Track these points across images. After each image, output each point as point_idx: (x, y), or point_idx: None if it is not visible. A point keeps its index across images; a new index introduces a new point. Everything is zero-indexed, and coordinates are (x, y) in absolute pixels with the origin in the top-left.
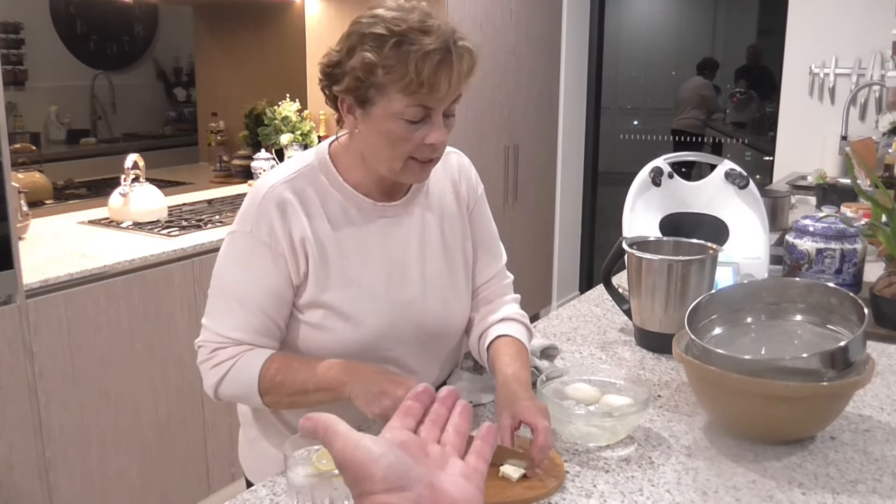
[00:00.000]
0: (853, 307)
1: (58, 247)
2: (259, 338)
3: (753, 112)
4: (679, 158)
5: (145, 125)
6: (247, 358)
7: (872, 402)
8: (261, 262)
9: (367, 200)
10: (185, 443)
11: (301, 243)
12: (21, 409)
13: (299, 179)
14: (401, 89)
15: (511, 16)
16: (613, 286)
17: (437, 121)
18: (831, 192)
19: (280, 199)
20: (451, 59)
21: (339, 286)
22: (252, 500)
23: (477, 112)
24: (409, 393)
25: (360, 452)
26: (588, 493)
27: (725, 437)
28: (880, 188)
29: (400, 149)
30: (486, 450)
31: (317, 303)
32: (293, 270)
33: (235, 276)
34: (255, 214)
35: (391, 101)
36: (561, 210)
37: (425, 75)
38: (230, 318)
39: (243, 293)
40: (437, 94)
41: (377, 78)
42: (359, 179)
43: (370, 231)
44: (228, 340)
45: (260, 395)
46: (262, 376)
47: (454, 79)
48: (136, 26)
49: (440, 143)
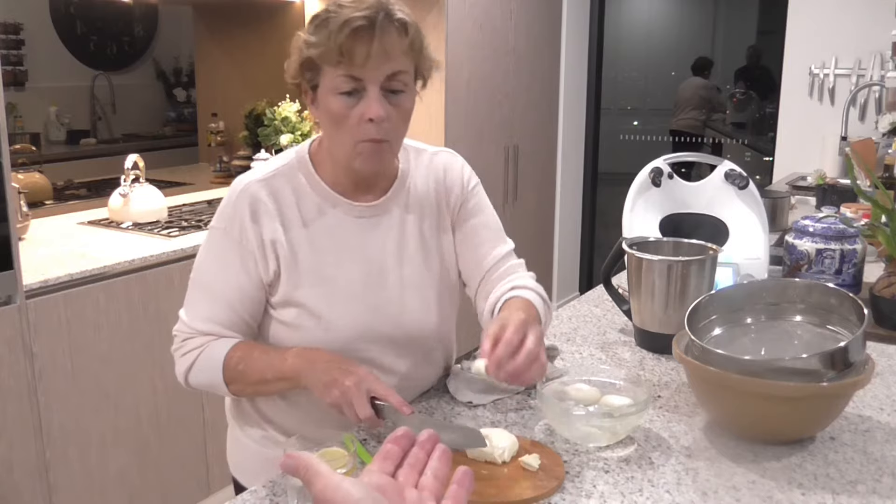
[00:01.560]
0: (853, 307)
1: (58, 247)
2: (226, 331)
3: (753, 112)
4: (679, 159)
5: (145, 126)
6: (212, 347)
7: (872, 403)
8: (232, 260)
9: (343, 200)
10: (184, 443)
11: (272, 244)
12: (21, 410)
13: (276, 178)
14: (325, 60)
15: (511, 16)
16: (613, 287)
17: (372, 94)
18: (831, 193)
19: (253, 199)
20: (372, 29)
21: (313, 285)
22: (252, 500)
23: (477, 112)
24: (366, 413)
25: (340, 494)
26: (588, 493)
27: (725, 438)
28: (880, 189)
29: (343, 128)
30: (461, 495)
31: (290, 301)
32: (263, 270)
33: (209, 270)
34: (230, 213)
35: (326, 76)
36: (561, 210)
37: (340, 41)
38: (200, 310)
39: (214, 287)
40: (356, 62)
41: (310, 54)
42: (335, 178)
43: (347, 231)
44: (196, 332)
45: (225, 384)
46: (226, 365)
47: (375, 48)
48: (135, 27)
49: (378, 118)
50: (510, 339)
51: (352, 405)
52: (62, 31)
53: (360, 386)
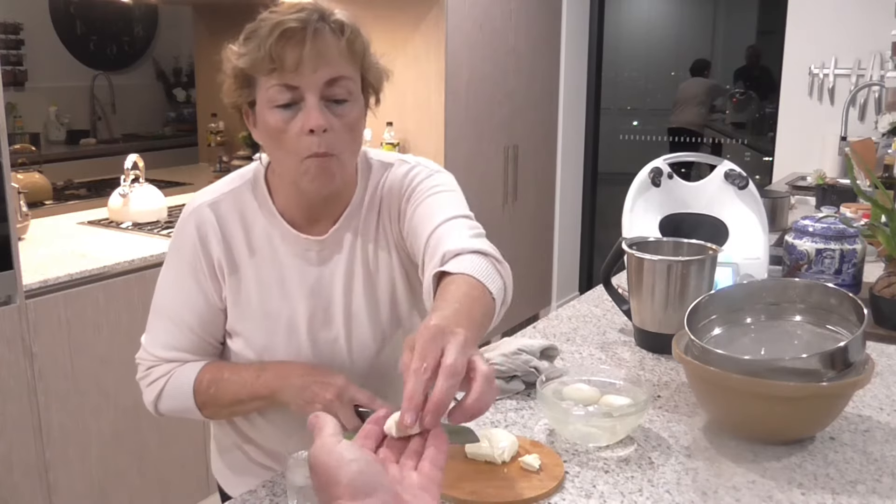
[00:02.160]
0: (853, 307)
1: (57, 247)
2: (189, 356)
3: (753, 112)
4: (679, 159)
5: (145, 126)
6: (179, 374)
7: (872, 403)
8: (187, 282)
9: (291, 231)
10: (184, 443)
11: (220, 268)
12: (21, 410)
13: (226, 202)
14: (257, 70)
15: (511, 16)
16: (613, 286)
17: (310, 103)
18: (831, 193)
19: (200, 222)
20: (303, 33)
21: (256, 319)
22: (252, 500)
23: (477, 112)
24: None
25: (333, 457)
26: (588, 493)
27: (725, 438)
28: (880, 188)
29: (284, 144)
30: (439, 457)
31: (235, 331)
32: (216, 293)
33: (166, 294)
34: (181, 234)
35: (260, 88)
36: (560, 210)
37: (270, 45)
38: (163, 337)
39: (172, 312)
40: (288, 66)
41: (240, 66)
42: (285, 204)
43: (292, 265)
44: (159, 359)
45: (199, 409)
46: (197, 390)
47: (308, 51)
48: (135, 27)
49: (318, 128)
50: (417, 370)
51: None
52: (62, 31)
53: (341, 397)
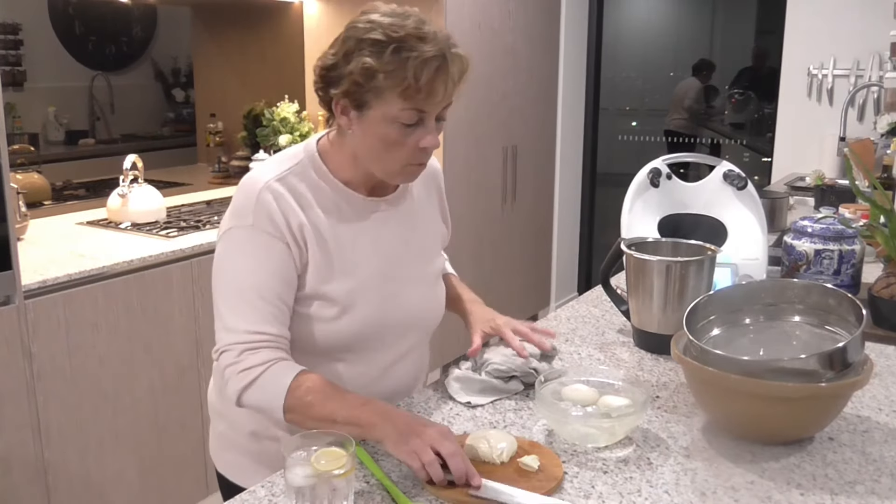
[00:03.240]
0: (851, 308)
1: (56, 247)
2: (282, 328)
3: (752, 113)
4: (677, 159)
5: (144, 126)
6: (277, 369)
7: (871, 403)
8: (268, 252)
9: (357, 196)
10: (183, 443)
11: (300, 231)
12: (19, 410)
13: (291, 176)
14: (399, 94)
15: (509, 16)
16: (612, 287)
17: (430, 125)
18: (829, 193)
19: (276, 194)
20: (447, 66)
21: (339, 277)
22: (251, 500)
23: (475, 113)
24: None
25: None
26: (586, 493)
27: (724, 438)
28: (878, 189)
29: (395, 153)
30: None
31: (316, 294)
32: (297, 258)
33: (246, 270)
34: (254, 208)
35: (388, 104)
36: (559, 211)
37: (423, 80)
38: (253, 314)
39: (259, 284)
40: (433, 99)
41: (377, 83)
42: (349, 177)
43: (362, 225)
44: (257, 335)
45: (283, 411)
46: (292, 392)
47: (449, 85)
48: (134, 27)
49: (433, 147)
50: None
51: (429, 451)
52: (61, 32)
53: (443, 434)
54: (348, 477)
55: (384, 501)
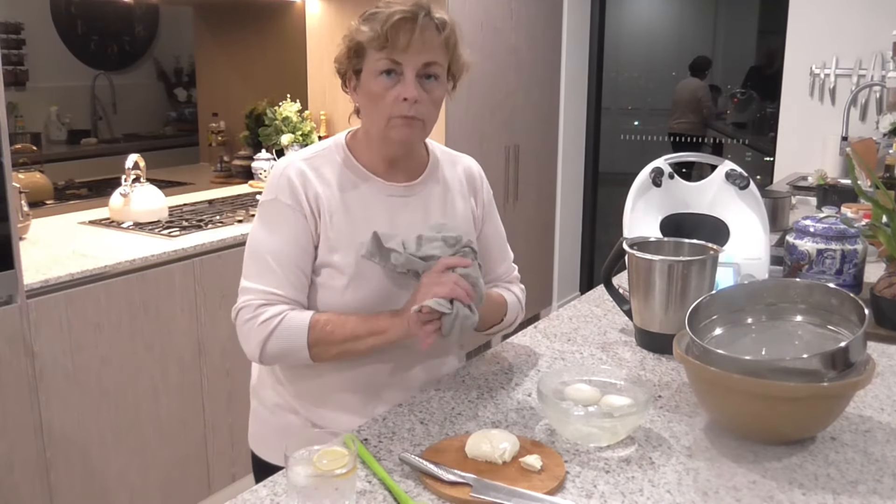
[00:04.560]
0: (854, 308)
1: (58, 247)
2: (296, 293)
3: (754, 112)
4: (680, 159)
5: (146, 125)
6: (293, 314)
7: (873, 403)
8: (287, 222)
9: (377, 179)
10: (185, 443)
11: (315, 202)
12: (22, 409)
13: (317, 159)
14: (375, 47)
15: (512, 16)
16: (614, 287)
17: (409, 78)
18: (832, 193)
19: (298, 171)
20: (414, 22)
21: (346, 248)
22: (252, 500)
23: (477, 112)
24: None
25: None
26: (588, 493)
27: (726, 438)
28: (881, 189)
29: (380, 106)
30: None
31: (325, 262)
32: (313, 228)
33: (267, 239)
34: (278, 183)
35: (369, 60)
36: (561, 210)
37: (387, 28)
38: (270, 277)
39: (277, 251)
40: (399, 47)
41: (361, 43)
42: (370, 161)
43: (378, 205)
44: (273, 296)
45: (308, 347)
46: (313, 327)
47: (416, 38)
48: (136, 26)
49: (412, 98)
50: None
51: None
52: (63, 31)
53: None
54: (350, 476)
55: (386, 501)
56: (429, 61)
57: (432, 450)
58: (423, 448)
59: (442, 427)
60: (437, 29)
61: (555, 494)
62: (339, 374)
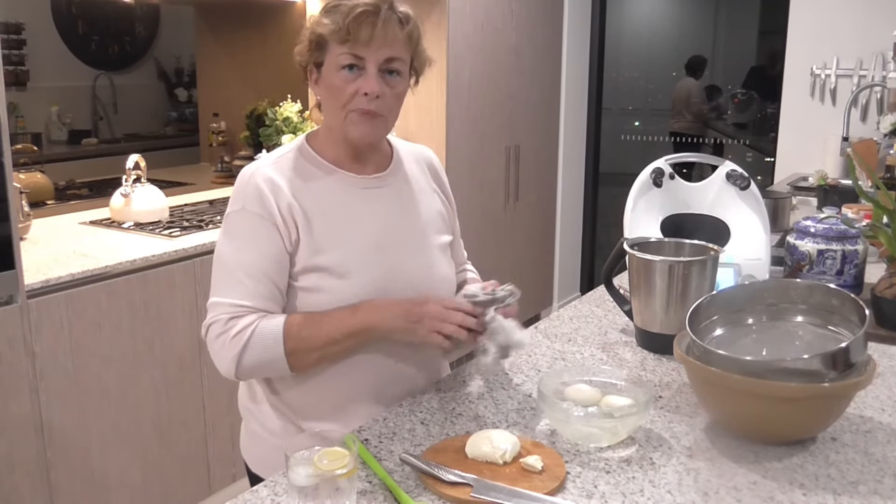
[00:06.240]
0: (854, 308)
1: (59, 247)
2: (268, 304)
3: (755, 113)
4: (680, 159)
5: (147, 125)
6: (265, 322)
7: (874, 404)
8: (257, 233)
9: (346, 174)
10: (186, 443)
11: (289, 211)
12: (22, 409)
13: (282, 162)
14: (337, 41)
15: (512, 16)
16: (614, 287)
17: (370, 72)
18: (832, 193)
19: (265, 178)
20: (376, 15)
21: (332, 248)
22: (253, 500)
23: (478, 112)
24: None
25: None
26: (589, 493)
27: (726, 438)
28: (881, 189)
29: (340, 99)
30: None
31: (311, 267)
32: (286, 237)
33: (237, 250)
34: (245, 192)
35: (331, 54)
36: (562, 211)
37: (348, 21)
38: (240, 290)
39: (247, 263)
40: (361, 41)
41: (323, 36)
42: (336, 157)
43: (352, 201)
44: (242, 309)
45: (286, 357)
46: (287, 334)
47: (379, 32)
48: (137, 26)
49: (373, 92)
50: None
51: (449, 323)
52: (64, 31)
53: (445, 305)
54: (351, 476)
55: (387, 501)
56: (391, 56)
57: (433, 450)
58: (423, 448)
59: (442, 427)
60: (399, 23)
61: (555, 495)
62: (330, 382)
